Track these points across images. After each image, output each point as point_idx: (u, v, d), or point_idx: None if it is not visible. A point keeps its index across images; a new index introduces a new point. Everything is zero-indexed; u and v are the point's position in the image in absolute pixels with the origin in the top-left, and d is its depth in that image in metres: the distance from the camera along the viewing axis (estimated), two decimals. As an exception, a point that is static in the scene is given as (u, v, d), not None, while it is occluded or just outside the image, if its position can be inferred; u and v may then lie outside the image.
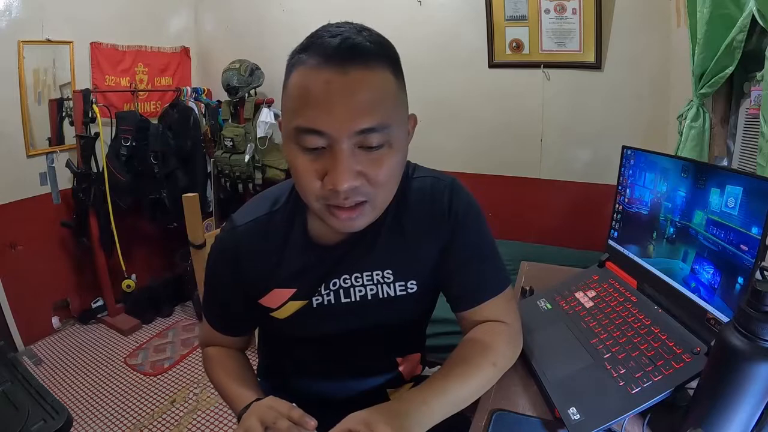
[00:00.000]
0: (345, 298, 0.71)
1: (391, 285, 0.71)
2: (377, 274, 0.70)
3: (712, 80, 1.24)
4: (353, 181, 0.55)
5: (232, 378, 0.73)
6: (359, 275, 0.70)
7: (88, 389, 2.00)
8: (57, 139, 2.36)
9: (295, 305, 0.71)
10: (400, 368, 0.81)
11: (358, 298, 0.71)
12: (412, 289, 0.71)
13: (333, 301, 0.71)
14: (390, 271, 0.71)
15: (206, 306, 0.80)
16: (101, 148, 2.33)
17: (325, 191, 0.56)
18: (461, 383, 0.62)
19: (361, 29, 0.56)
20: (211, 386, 1.98)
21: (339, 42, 0.53)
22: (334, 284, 0.70)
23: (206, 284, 0.79)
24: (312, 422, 0.56)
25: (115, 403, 1.91)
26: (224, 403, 1.89)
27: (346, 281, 0.70)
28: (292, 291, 0.70)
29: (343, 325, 0.73)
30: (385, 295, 0.71)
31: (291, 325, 0.72)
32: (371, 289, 0.70)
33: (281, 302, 0.71)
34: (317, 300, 0.70)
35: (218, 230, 1.52)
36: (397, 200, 0.68)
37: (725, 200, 0.67)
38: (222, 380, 0.75)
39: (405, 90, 0.61)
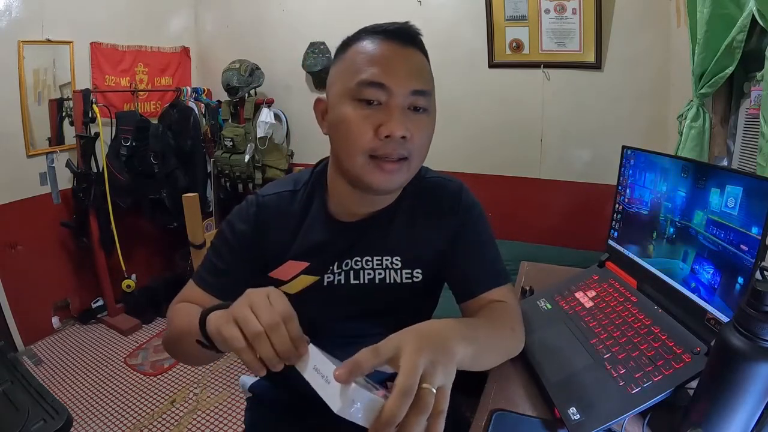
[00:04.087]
0: (354, 279, 0.74)
1: (399, 272, 0.74)
2: (386, 259, 0.74)
3: (712, 80, 1.24)
4: (405, 131, 0.62)
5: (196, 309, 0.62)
6: (369, 258, 0.74)
7: (88, 389, 2.00)
8: (57, 139, 2.35)
9: (307, 280, 0.73)
10: None
11: (366, 281, 0.74)
12: (417, 278, 0.75)
13: (342, 281, 0.73)
14: (399, 258, 0.74)
15: (205, 265, 0.76)
16: (101, 148, 2.33)
17: (376, 142, 0.62)
18: (488, 329, 0.63)
19: None
20: (212, 386, 2.00)
21: (400, 26, 0.66)
22: (346, 264, 0.74)
23: (217, 242, 0.76)
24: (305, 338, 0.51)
25: (115, 403, 1.91)
26: (224, 403, 1.91)
27: (357, 263, 0.74)
28: (306, 264, 0.73)
29: (349, 307, 0.74)
30: (392, 281, 0.74)
31: (300, 303, 0.72)
32: (379, 273, 0.74)
33: (293, 274, 0.73)
34: (328, 278, 0.73)
35: (217, 230, 1.51)
36: (412, 192, 0.75)
37: (725, 200, 0.67)
38: (186, 313, 0.67)
39: None
